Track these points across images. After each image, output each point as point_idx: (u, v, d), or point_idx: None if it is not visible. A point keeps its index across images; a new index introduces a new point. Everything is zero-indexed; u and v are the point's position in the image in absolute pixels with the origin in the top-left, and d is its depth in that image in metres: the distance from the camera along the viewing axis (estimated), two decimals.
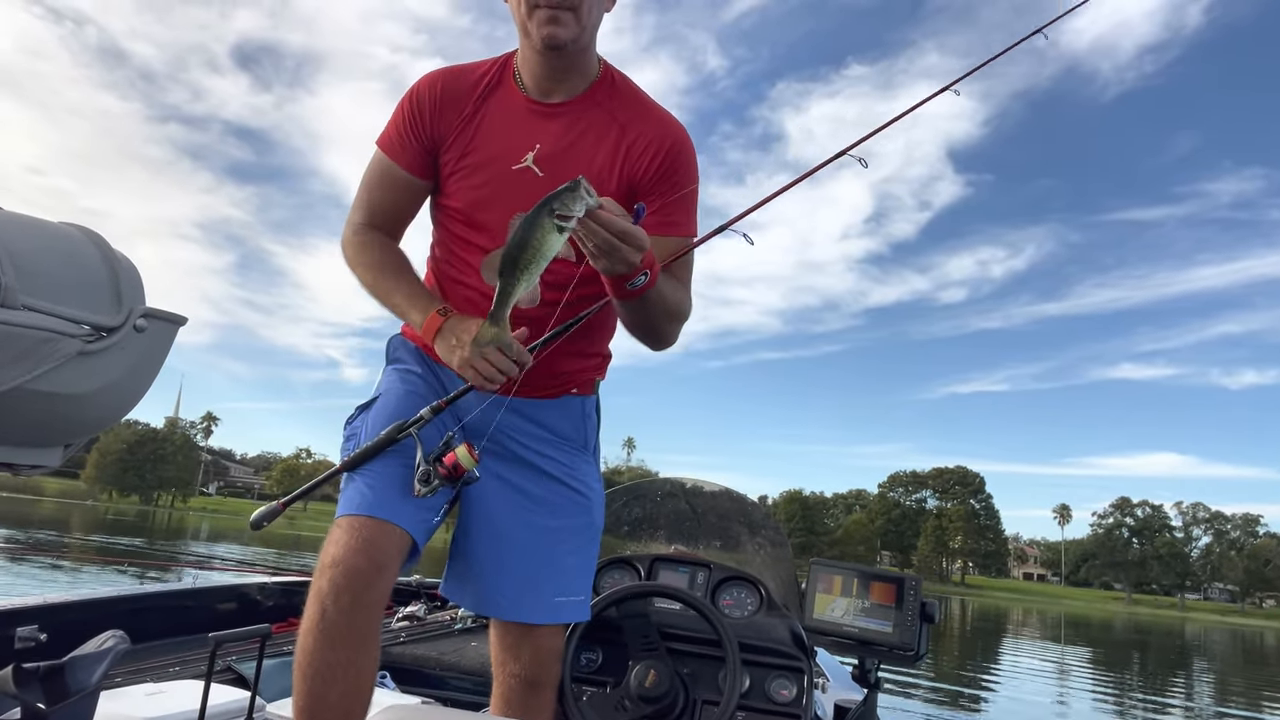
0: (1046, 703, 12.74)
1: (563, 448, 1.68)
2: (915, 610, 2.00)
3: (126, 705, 1.62)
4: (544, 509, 1.64)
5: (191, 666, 2.18)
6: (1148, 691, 15.66)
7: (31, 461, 1.27)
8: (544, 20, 1.49)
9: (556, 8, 1.48)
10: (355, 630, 1.39)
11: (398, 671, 2.44)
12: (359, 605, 1.39)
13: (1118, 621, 58.55)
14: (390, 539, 1.44)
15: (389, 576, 1.44)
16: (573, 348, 1.63)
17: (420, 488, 1.39)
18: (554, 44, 1.50)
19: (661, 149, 1.59)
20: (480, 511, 1.62)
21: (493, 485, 1.61)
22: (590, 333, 1.66)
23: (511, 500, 1.63)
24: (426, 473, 1.39)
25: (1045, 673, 17.29)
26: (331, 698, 1.37)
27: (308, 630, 1.40)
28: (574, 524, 1.67)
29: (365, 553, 1.40)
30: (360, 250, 1.66)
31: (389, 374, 1.68)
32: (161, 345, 1.34)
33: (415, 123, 1.62)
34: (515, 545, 1.62)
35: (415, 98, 1.63)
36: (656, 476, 3.19)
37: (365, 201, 1.68)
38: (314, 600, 1.40)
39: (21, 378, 1.12)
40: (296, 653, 1.41)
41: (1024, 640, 27.69)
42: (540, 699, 1.68)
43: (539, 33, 1.50)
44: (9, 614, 2.08)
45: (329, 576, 1.39)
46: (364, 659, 1.41)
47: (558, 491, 1.65)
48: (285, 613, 2.83)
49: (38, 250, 1.14)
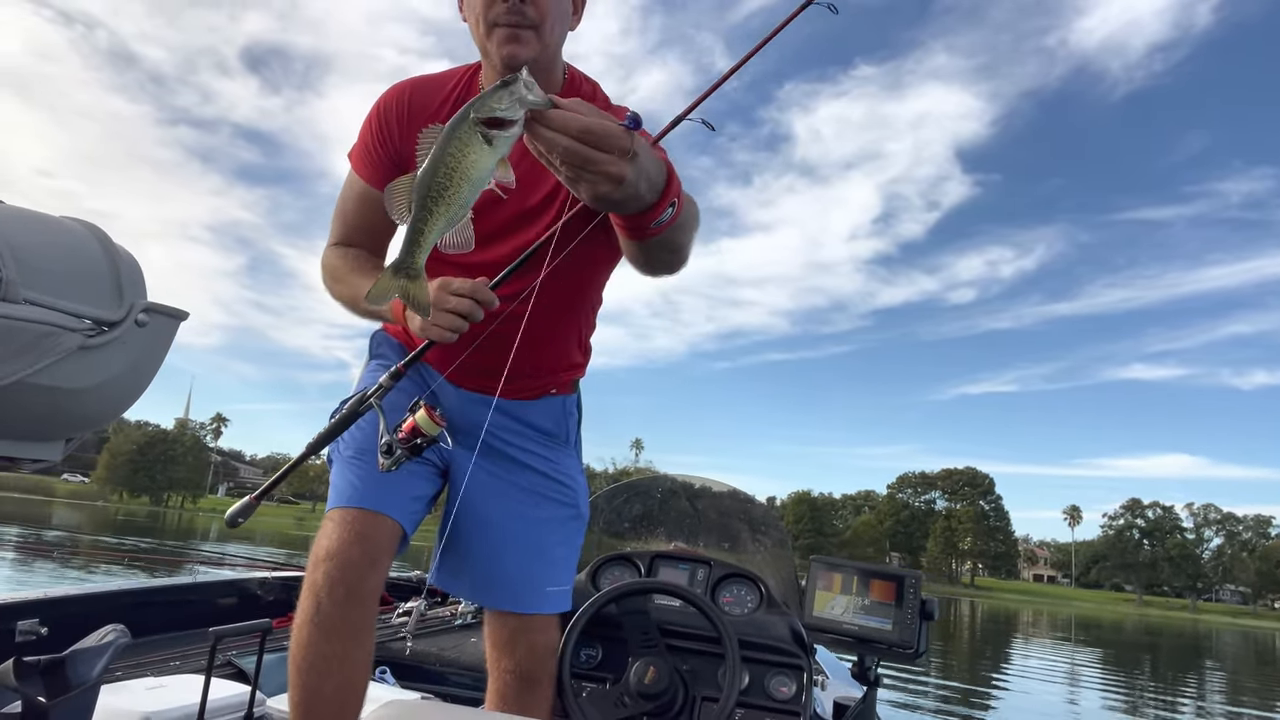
0: (1057, 703, 12.68)
1: (546, 444, 1.70)
2: (915, 608, 1.99)
3: (127, 699, 1.63)
4: (532, 501, 1.66)
5: (192, 661, 2.19)
6: (1159, 693, 15.56)
7: (33, 455, 1.27)
8: (504, 39, 1.42)
9: (517, 26, 1.42)
10: (350, 623, 1.40)
11: (398, 667, 2.44)
12: (353, 598, 1.40)
13: (1129, 623, 58.16)
14: (382, 530, 1.45)
15: (382, 568, 1.45)
16: (551, 349, 1.62)
17: (383, 460, 1.29)
18: (514, 64, 1.38)
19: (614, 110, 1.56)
20: (472, 505, 1.63)
21: (483, 479, 1.63)
22: (564, 329, 1.65)
23: (502, 494, 1.65)
24: (389, 444, 1.30)
25: (1054, 673, 17.20)
26: (326, 690, 1.38)
27: (302, 623, 1.40)
28: (561, 514, 1.69)
29: (359, 545, 1.41)
30: (333, 265, 1.62)
31: (372, 368, 1.68)
32: (163, 340, 1.33)
33: (383, 138, 1.57)
34: (508, 536, 1.64)
35: (382, 112, 1.57)
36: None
37: (340, 220, 1.65)
38: (308, 593, 1.41)
39: (23, 372, 1.11)
40: (291, 646, 1.42)
41: (1033, 641, 27.56)
42: (536, 694, 1.68)
43: (499, 53, 1.43)
44: (10, 608, 2.10)
45: (323, 570, 1.40)
46: (358, 651, 1.42)
47: (544, 485, 1.68)
48: (285, 607, 2.83)
49: (39, 244, 1.14)
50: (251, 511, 1.37)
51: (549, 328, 1.58)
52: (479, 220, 1.14)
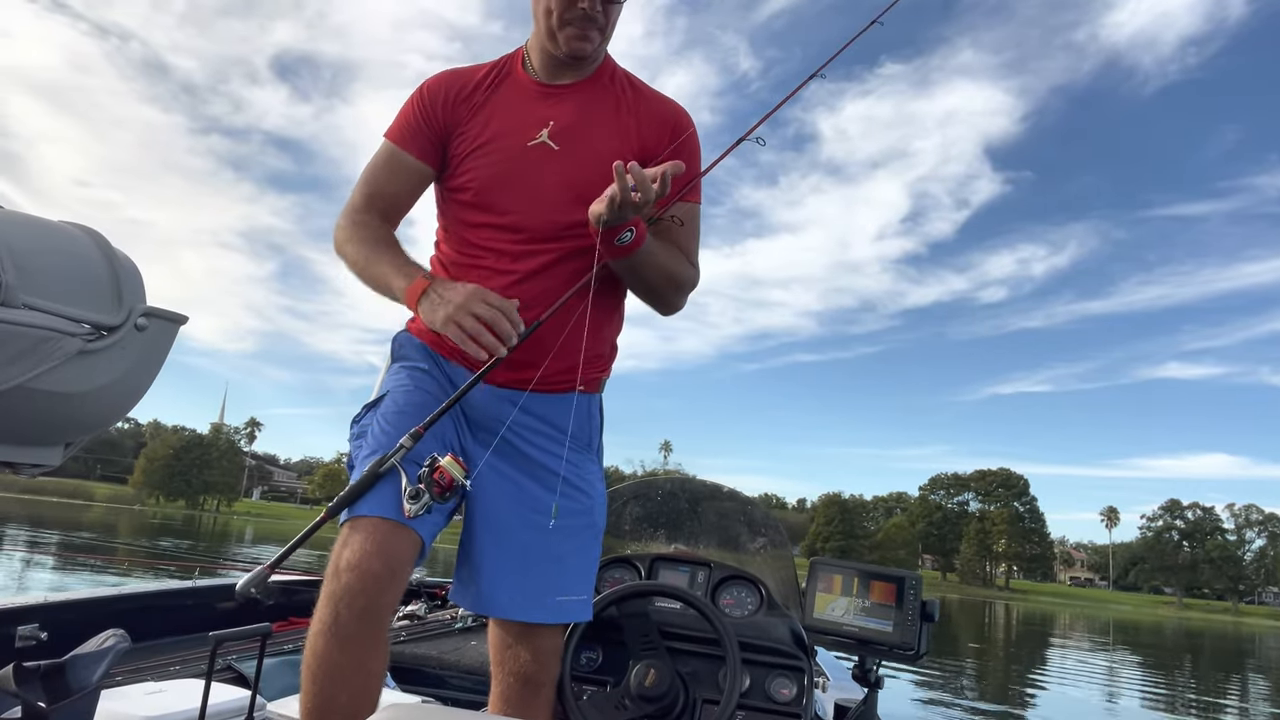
0: (1095, 708, 12.47)
1: (569, 446, 1.66)
2: (915, 609, 1.98)
3: (127, 704, 1.61)
4: (546, 507, 1.61)
5: (192, 665, 2.18)
6: (1200, 697, 15.23)
7: (32, 460, 1.27)
8: (573, 36, 1.59)
9: (588, 29, 1.58)
10: (367, 633, 1.38)
11: (398, 670, 2.44)
12: (373, 609, 1.38)
13: (1168, 627, 56.98)
14: (404, 541, 1.42)
15: (403, 580, 1.43)
16: (577, 339, 1.62)
17: (409, 506, 1.35)
18: (579, 56, 1.61)
19: (669, 123, 1.69)
20: (483, 510, 1.61)
21: (495, 482, 1.60)
22: (597, 322, 1.65)
23: (514, 498, 1.61)
24: (417, 490, 1.35)
25: (1092, 677, 16.91)
26: (341, 700, 1.36)
27: (319, 632, 1.38)
28: (576, 523, 1.64)
29: (380, 556, 1.38)
30: (353, 229, 1.65)
31: (395, 371, 1.66)
32: (162, 344, 1.32)
33: (427, 112, 1.66)
34: (516, 543, 1.60)
35: (427, 90, 1.68)
36: (670, 475, 3.19)
37: (367, 187, 1.68)
38: (327, 602, 1.38)
39: (22, 376, 1.11)
40: (306, 654, 1.40)
41: (1070, 645, 27.09)
42: (539, 698, 1.66)
43: (567, 45, 1.60)
44: (10, 612, 2.08)
45: (344, 580, 1.37)
46: (374, 662, 1.40)
47: (561, 490, 1.63)
48: (286, 611, 2.83)
49: (38, 249, 1.14)
50: (265, 580, 1.37)
51: (586, 314, 1.59)
52: (530, 219, 1.58)
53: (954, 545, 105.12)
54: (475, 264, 1.62)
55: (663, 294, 1.65)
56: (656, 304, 1.67)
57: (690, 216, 1.68)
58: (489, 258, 1.61)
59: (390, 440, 1.48)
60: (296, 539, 1.40)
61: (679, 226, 1.65)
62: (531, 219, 1.60)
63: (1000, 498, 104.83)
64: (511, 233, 1.60)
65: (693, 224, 1.68)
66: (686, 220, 1.66)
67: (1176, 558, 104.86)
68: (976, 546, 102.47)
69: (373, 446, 1.51)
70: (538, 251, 1.59)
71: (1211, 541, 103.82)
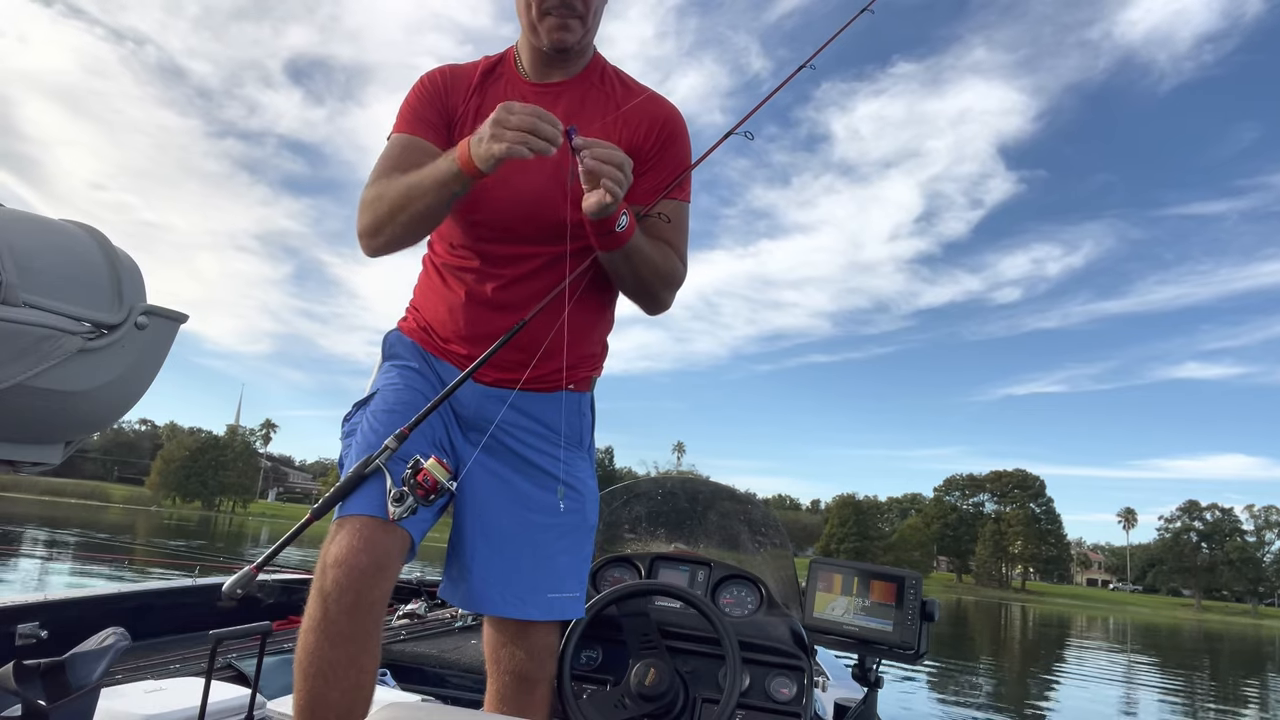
0: (1112, 710, 12.36)
1: (558, 443, 1.67)
2: (915, 609, 1.97)
3: (127, 702, 1.62)
4: (537, 505, 1.63)
5: (192, 664, 2.19)
6: (1219, 701, 15.07)
7: (32, 459, 1.28)
8: (554, 26, 1.59)
9: (567, 17, 1.58)
10: (357, 629, 1.39)
11: (397, 669, 2.44)
12: (361, 604, 1.39)
13: (1187, 629, 56.41)
14: (392, 538, 1.43)
15: (391, 575, 1.44)
16: (575, 335, 1.63)
17: (394, 508, 1.34)
18: (562, 48, 1.62)
19: (658, 120, 1.68)
20: (473, 507, 1.62)
21: (486, 480, 1.61)
22: (588, 322, 1.68)
23: (505, 496, 1.62)
24: (401, 493, 1.34)
25: (1110, 679, 16.76)
26: (332, 696, 1.37)
27: (309, 628, 1.39)
28: (568, 521, 1.65)
29: (368, 551, 1.39)
30: (377, 185, 1.57)
31: (386, 370, 1.67)
32: (162, 343, 1.33)
33: (431, 99, 1.67)
34: (507, 541, 1.61)
35: (429, 80, 1.70)
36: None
37: (383, 164, 1.61)
38: (316, 598, 1.40)
39: (22, 375, 1.12)
40: (298, 651, 1.41)
41: (1087, 647, 26.88)
42: (535, 695, 1.67)
43: (549, 37, 1.60)
44: (10, 611, 2.09)
45: (332, 575, 1.38)
46: (366, 658, 1.41)
47: (552, 488, 1.64)
48: (285, 610, 2.84)
49: (39, 247, 1.15)
50: (251, 581, 1.35)
51: (576, 312, 1.60)
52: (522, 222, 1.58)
53: (969, 547, 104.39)
54: (466, 265, 1.63)
55: (652, 289, 1.64)
56: (645, 301, 1.67)
57: (678, 214, 1.67)
58: (480, 259, 1.62)
59: (378, 440, 1.48)
60: (282, 540, 1.40)
61: (666, 223, 1.64)
62: (523, 220, 1.60)
63: (1016, 499, 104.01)
64: (502, 233, 1.60)
65: (681, 221, 1.68)
66: (674, 217, 1.66)
67: (1195, 559, 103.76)
68: (992, 548, 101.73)
69: (362, 446, 1.52)
70: (529, 255, 1.60)
71: (1230, 543, 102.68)
